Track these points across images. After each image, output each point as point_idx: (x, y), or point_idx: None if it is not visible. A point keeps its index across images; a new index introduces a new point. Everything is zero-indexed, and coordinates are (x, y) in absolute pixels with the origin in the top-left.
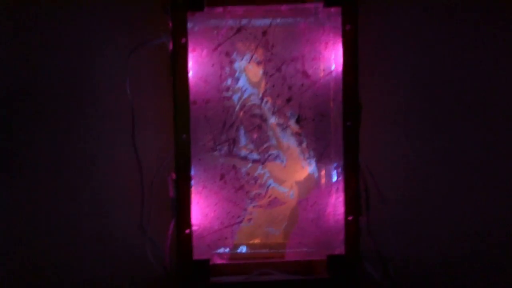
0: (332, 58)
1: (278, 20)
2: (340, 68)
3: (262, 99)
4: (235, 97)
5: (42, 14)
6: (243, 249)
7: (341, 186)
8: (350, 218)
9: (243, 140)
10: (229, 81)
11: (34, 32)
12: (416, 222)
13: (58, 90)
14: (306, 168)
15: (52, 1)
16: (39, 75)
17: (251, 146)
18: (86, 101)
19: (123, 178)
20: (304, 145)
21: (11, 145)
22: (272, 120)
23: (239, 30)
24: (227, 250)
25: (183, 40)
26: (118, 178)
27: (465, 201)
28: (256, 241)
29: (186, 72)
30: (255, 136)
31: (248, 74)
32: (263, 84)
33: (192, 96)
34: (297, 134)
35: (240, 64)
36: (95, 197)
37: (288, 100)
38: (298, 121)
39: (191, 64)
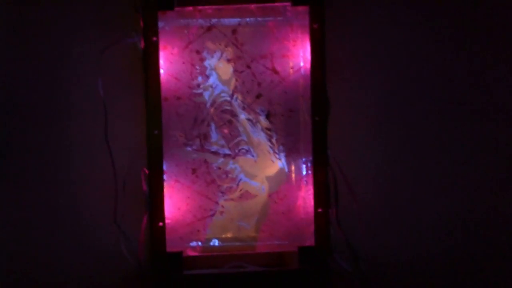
0: (300, 56)
1: (248, 19)
2: (308, 65)
3: (232, 95)
4: (206, 94)
5: (14, 12)
6: (215, 242)
7: (310, 179)
8: (319, 210)
9: (214, 136)
10: (199, 78)
11: (5, 31)
12: (384, 215)
13: (30, 89)
14: (276, 163)
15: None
16: (11, 74)
17: (222, 141)
18: (58, 99)
19: (97, 174)
20: (274, 140)
21: None
22: (243, 116)
23: (209, 28)
24: (199, 243)
25: (154, 39)
26: (92, 175)
27: (432, 194)
28: (228, 235)
29: (158, 70)
30: (226, 131)
31: (219, 72)
32: (233, 81)
33: (163, 93)
34: (267, 130)
35: (210, 61)
36: (70, 194)
37: (258, 96)
38: (268, 117)
39: (162, 62)
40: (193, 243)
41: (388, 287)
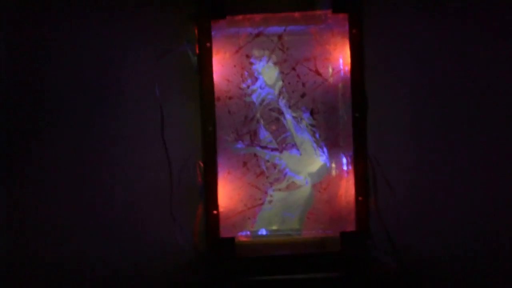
0: (340, 58)
1: (292, 26)
2: (348, 66)
3: (279, 95)
4: (255, 94)
5: (73, 24)
6: (263, 231)
7: (351, 171)
8: (360, 198)
9: (262, 132)
10: (249, 80)
11: (67, 40)
12: (419, 205)
13: (92, 91)
14: (319, 158)
15: (85, 12)
16: (71, 80)
17: (269, 137)
18: (117, 100)
19: (154, 170)
20: (317, 135)
21: (40, 148)
22: (288, 114)
23: (257, 35)
24: (248, 232)
25: (208, 44)
26: (149, 171)
27: (468, 190)
28: (274, 227)
29: (211, 72)
30: (273, 128)
31: (266, 74)
32: (279, 82)
33: (216, 93)
34: (311, 126)
35: (259, 64)
36: (128, 189)
37: (302, 95)
38: (311, 114)
39: (215, 65)
40: (243, 233)
41: (422, 275)
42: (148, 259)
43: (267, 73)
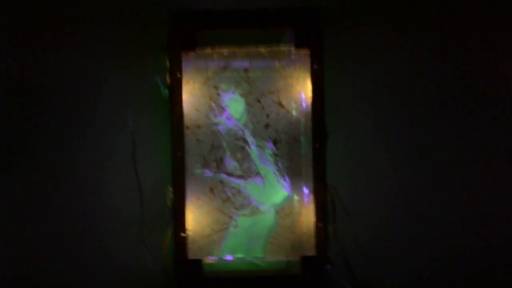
0: (302, 91)
1: (257, 60)
2: (309, 99)
3: (244, 125)
4: (222, 124)
5: (52, 48)
6: (229, 257)
7: (311, 199)
8: (319, 225)
9: (228, 160)
10: (216, 110)
11: (45, 63)
12: (374, 228)
13: (63, 118)
14: (281, 189)
15: (66, 41)
16: (46, 102)
17: (235, 164)
18: (90, 126)
19: (125, 195)
20: (279, 164)
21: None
22: (253, 143)
23: (225, 67)
24: (215, 258)
25: (179, 75)
26: (120, 196)
27: (421, 217)
28: (239, 255)
29: (181, 102)
30: (238, 156)
31: (233, 105)
32: (245, 112)
33: (185, 122)
34: (274, 155)
35: (226, 96)
36: (98, 213)
37: (266, 126)
38: (274, 144)
39: (185, 95)
40: (210, 257)
41: None
42: (118, 281)
43: (234, 104)
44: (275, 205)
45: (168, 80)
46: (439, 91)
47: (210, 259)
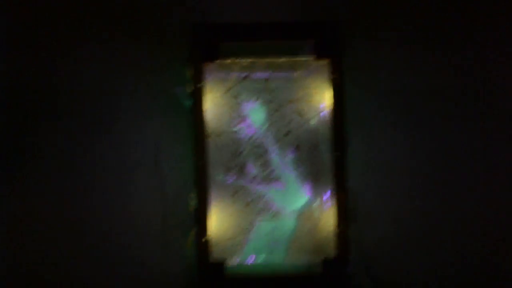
0: (321, 100)
1: (277, 71)
2: (328, 108)
3: (265, 132)
4: (243, 131)
5: (73, 55)
6: (251, 259)
7: (332, 203)
8: (340, 228)
9: (250, 166)
10: (237, 118)
11: (68, 69)
12: (394, 232)
13: (89, 123)
14: (302, 193)
15: (89, 51)
16: (71, 108)
17: (256, 171)
18: (116, 137)
19: (151, 202)
20: (300, 170)
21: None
22: (273, 150)
23: (246, 77)
24: (238, 260)
25: (199, 85)
26: (144, 202)
27: (446, 221)
28: (261, 258)
29: (202, 111)
30: (259, 163)
31: (253, 113)
32: (266, 121)
33: (207, 130)
34: (294, 161)
35: (246, 105)
36: (124, 217)
37: (286, 134)
38: (295, 150)
39: (206, 104)
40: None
41: None
42: (141, 285)
43: (254, 112)
44: (295, 209)
45: (189, 90)
46: (458, 99)
47: (232, 262)
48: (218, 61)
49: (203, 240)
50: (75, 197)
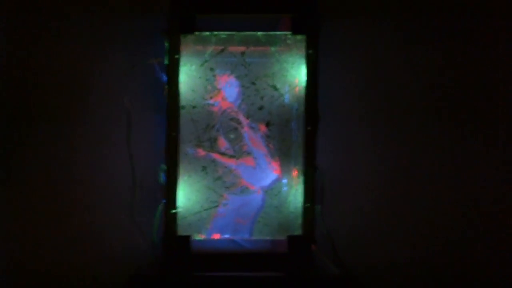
0: (297, 76)
1: (254, 45)
2: (303, 83)
3: (239, 106)
4: (217, 104)
5: (50, 33)
6: (216, 236)
7: (301, 179)
8: (307, 205)
9: (222, 139)
10: (212, 91)
11: (47, 47)
12: (361, 211)
13: (59, 100)
14: (271, 170)
15: (63, 24)
16: (44, 87)
17: (228, 144)
18: (86, 108)
19: (119, 173)
20: (271, 145)
21: (9, 146)
22: (246, 124)
23: (222, 50)
24: (204, 234)
25: (177, 57)
26: (114, 175)
27: (408, 200)
28: (227, 235)
29: (178, 82)
30: (232, 136)
31: (228, 86)
32: (240, 94)
33: (181, 102)
34: (266, 136)
35: (222, 77)
36: (90, 190)
37: (260, 108)
38: (267, 125)
39: (182, 76)
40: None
41: (364, 280)
42: (107, 258)
43: (229, 85)
44: (264, 185)
45: (166, 62)
46: (432, 80)
47: (198, 237)
48: (195, 33)
49: (171, 213)
50: (48, 170)
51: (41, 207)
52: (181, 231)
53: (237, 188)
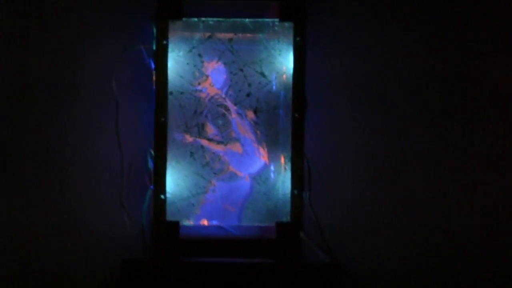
0: (284, 63)
1: (242, 32)
2: (291, 70)
3: (226, 93)
4: (205, 90)
5: (37, 17)
6: (205, 222)
7: (288, 166)
8: (295, 192)
9: (210, 125)
10: (200, 77)
11: (29, 34)
12: (349, 198)
13: (46, 87)
14: (259, 157)
15: (51, 9)
16: (31, 74)
17: (216, 130)
18: (76, 92)
19: (108, 159)
20: (259, 132)
21: None
22: (234, 110)
23: (210, 36)
24: (192, 220)
25: (164, 42)
26: (103, 160)
27: (397, 190)
28: (215, 222)
29: (166, 68)
30: (219, 122)
31: (216, 72)
32: (228, 81)
33: (169, 88)
34: (254, 123)
35: (209, 64)
36: (80, 177)
37: (248, 94)
38: (255, 112)
39: (170, 62)
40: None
41: (351, 267)
42: (96, 243)
43: (217, 72)
44: (252, 172)
45: (154, 47)
46: (419, 67)
47: (187, 222)
48: (183, 19)
49: (160, 199)
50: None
51: (28, 194)
52: (170, 217)
53: (225, 174)
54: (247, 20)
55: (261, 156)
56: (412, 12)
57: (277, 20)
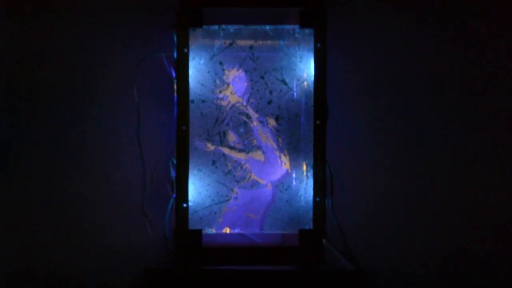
0: (305, 70)
1: (262, 39)
2: (312, 77)
3: (248, 100)
4: (226, 98)
5: (59, 27)
6: (227, 230)
7: (310, 173)
8: (318, 199)
9: (231, 133)
10: (221, 85)
11: (54, 43)
12: (371, 205)
13: (68, 96)
14: (281, 164)
15: (73, 20)
16: (54, 83)
17: (237, 138)
18: (98, 101)
19: (129, 167)
20: (280, 139)
21: (19, 142)
22: (255, 118)
23: (231, 44)
24: (215, 228)
25: (186, 50)
26: (124, 168)
27: (418, 195)
28: (237, 230)
29: (187, 76)
30: (241, 130)
31: (237, 80)
32: (249, 88)
33: (191, 96)
34: (275, 130)
35: (230, 71)
36: (102, 183)
37: (269, 102)
38: (277, 120)
39: (191, 70)
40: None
41: (375, 274)
42: (118, 252)
43: (238, 80)
44: (274, 180)
45: (174, 56)
46: (440, 74)
47: (209, 230)
48: (203, 27)
49: (182, 207)
50: (57, 165)
51: (51, 202)
52: (192, 225)
53: (247, 182)
54: (267, 27)
55: (283, 164)
56: (435, 17)
57: (297, 26)
